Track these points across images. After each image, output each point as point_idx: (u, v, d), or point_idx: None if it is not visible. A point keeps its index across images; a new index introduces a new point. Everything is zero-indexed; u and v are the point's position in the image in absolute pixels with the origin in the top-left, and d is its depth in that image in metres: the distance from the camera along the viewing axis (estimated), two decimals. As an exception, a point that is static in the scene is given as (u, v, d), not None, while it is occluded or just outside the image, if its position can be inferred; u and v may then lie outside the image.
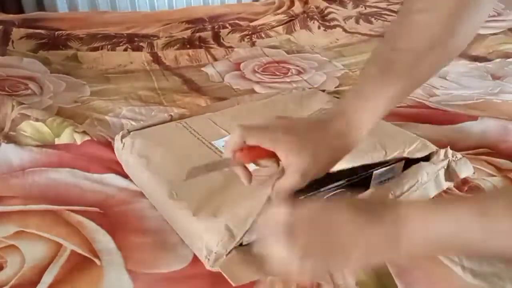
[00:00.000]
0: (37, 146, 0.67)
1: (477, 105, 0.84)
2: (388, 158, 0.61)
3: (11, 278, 0.45)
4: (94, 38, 1.22)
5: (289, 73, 1.05)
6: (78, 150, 0.66)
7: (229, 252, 0.47)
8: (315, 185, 0.50)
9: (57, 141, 0.69)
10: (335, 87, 0.96)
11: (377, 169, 0.61)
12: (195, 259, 0.48)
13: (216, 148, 0.61)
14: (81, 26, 1.31)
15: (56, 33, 1.22)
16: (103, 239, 0.50)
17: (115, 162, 0.64)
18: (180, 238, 0.51)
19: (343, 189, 0.57)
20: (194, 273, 0.46)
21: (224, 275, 0.46)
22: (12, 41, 1.13)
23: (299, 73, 1.05)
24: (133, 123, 0.76)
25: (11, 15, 1.32)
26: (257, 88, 0.96)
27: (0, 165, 0.62)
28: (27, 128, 0.71)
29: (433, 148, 0.63)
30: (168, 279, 0.45)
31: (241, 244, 0.49)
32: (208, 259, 0.47)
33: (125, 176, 0.61)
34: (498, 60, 1.05)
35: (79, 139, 0.68)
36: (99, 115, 0.79)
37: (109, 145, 0.67)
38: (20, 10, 1.51)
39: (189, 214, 0.50)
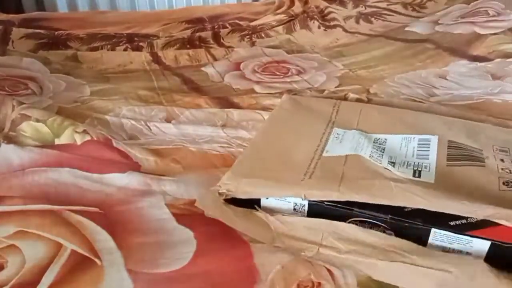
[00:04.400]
0: (37, 146, 0.67)
1: (477, 105, 0.84)
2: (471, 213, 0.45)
3: (12, 278, 0.45)
4: (94, 38, 1.22)
5: (289, 73, 1.05)
6: (78, 150, 0.66)
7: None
8: (355, 205, 0.49)
9: (57, 142, 0.69)
10: (335, 87, 0.96)
11: (438, 227, 0.46)
12: (195, 258, 0.48)
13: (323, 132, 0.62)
14: (81, 26, 1.31)
15: (56, 33, 1.22)
16: (103, 239, 0.50)
17: (115, 162, 0.64)
18: (180, 237, 0.51)
19: (378, 223, 0.49)
20: (194, 272, 0.46)
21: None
22: (12, 41, 1.13)
23: (299, 73, 1.05)
24: (133, 122, 0.76)
25: (11, 15, 1.32)
26: (257, 88, 0.96)
27: (0, 165, 0.62)
28: (27, 128, 0.71)
29: None
30: (168, 279, 0.45)
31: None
32: None
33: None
34: (498, 60, 1.05)
35: (79, 139, 0.68)
36: (99, 114, 0.79)
37: (109, 145, 0.67)
38: (20, 10, 1.51)
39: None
